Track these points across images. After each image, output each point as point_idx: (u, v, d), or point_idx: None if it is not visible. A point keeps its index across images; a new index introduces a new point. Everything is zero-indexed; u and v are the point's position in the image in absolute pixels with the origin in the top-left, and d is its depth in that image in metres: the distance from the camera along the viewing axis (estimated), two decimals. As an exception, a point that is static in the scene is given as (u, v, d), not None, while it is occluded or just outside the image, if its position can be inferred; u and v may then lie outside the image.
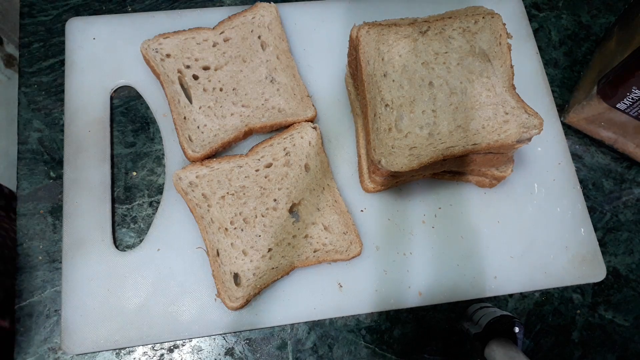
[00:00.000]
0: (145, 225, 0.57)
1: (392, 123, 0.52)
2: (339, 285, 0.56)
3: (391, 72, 0.53)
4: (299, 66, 0.63)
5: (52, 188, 0.58)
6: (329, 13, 0.67)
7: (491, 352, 0.49)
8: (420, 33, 0.54)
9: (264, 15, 0.62)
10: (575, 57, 0.71)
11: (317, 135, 0.58)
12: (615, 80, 0.57)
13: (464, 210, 0.60)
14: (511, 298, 0.59)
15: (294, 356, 0.54)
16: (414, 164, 0.50)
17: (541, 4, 0.74)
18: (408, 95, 0.53)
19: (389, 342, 0.56)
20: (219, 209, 0.54)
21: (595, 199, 0.65)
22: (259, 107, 0.59)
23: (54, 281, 0.54)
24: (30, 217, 0.56)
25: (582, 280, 0.59)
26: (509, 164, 0.58)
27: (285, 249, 0.54)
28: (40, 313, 0.53)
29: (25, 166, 0.58)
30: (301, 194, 0.56)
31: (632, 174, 0.66)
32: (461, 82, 0.53)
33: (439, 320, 0.57)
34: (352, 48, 0.56)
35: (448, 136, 0.52)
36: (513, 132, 0.51)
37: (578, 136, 0.67)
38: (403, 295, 0.56)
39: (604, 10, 0.74)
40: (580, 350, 0.59)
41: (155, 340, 0.52)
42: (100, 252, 0.54)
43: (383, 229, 0.58)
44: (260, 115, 0.58)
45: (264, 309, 0.54)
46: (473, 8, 0.57)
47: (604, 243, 0.63)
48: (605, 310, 0.60)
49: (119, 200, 0.58)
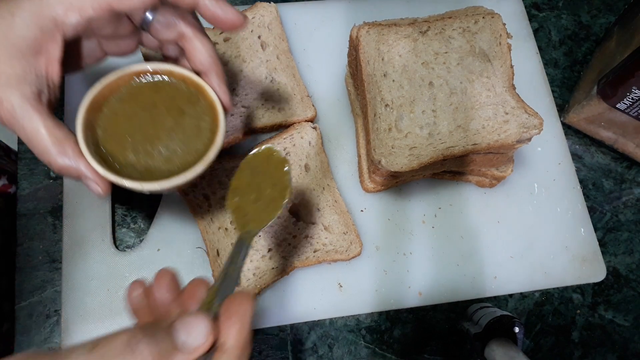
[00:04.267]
0: (146, 225, 0.57)
1: (392, 123, 0.52)
2: (339, 285, 0.56)
3: (391, 72, 0.53)
4: (299, 66, 0.63)
5: (52, 188, 0.58)
6: (329, 13, 0.67)
7: (491, 352, 0.49)
8: (420, 33, 0.54)
9: (264, 15, 0.62)
10: (575, 57, 0.71)
11: (317, 135, 0.58)
12: (615, 80, 0.57)
13: (464, 210, 0.60)
14: (511, 298, 0.59)
15: (294, 356, 0.54)
16: (414, 164, 0.50)
17: (541, 4, 0.74)
18: (408, 95, 0.53)
19: (389, 342, 0.56)
20: (219, 209, 0.54)
21: (595, 199, 0.65)
22: (259, 107, 0.59)
23: (54, 281, 0.54)
24: (30, 217, 0.56)
25: (582, 280, 0.59)
26: (509, 164, 0.58)
27: (286, 249, 0.54)
28: (40, 313, 0.53)
29: (26, 166, 0.58)
30: (301, 194, 0.56)
31: (632, 174, 0.66)
32: (461, 82, 0.53)
33: (439, 320, 0.57)
34: (352, 48, 0.56)
35: (448, 136, 0.52)
36: (513, 132, 0.51)
37: (578, 136, 0.67)
38: (403, 295, 0.56)
39: (604, 10, 0.74)
40: (580, 350, 0.59)
41: (155, 340, 0.52)
42: (100, 252, 0.54)
43: (383, 229, 0.58)
44: (260, 116, 0.58)
45: (264, 309, 0.54)
46: (473, 8, 0.57)
47: (604, 243, 0.63)
48: (606, 310, 0.60)
49: (119, 200, 0.58)
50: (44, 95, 0.36)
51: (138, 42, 0.42)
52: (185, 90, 0.42)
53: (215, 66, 0.41)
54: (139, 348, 0.26)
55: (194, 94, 0.42)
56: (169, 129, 0.41)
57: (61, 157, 0.36)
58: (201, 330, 0.28)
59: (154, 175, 0.40)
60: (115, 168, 0.39)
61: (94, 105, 0.40)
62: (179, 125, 0.42)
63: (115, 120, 0.41)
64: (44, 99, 0.36)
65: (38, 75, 0.35)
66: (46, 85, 0.36)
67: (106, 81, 0.40)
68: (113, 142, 0.40)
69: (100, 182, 0.38)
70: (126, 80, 0.41)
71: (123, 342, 0.26)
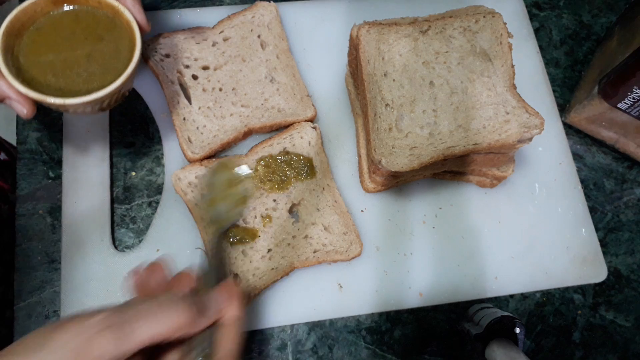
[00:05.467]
0: (145, 225, 0.57)
1: (393, 123, 0.52)
2: (339, 286, 0.55)
3: (391, 71, 0.53)
4: (299, 66, 0.63)
5: (51, 188, 0.57)
6: (329, 12, 0.67)
7: (492, 353, 0.49)
8: (420, 32, 0.54)
9: (264, 14, 0.61)
10: (576, 57, 0.71)
11: (317, 135, 0.58)
12: (617, 79, 0.57)
13: (465, 210, 0.60)
14: (512, 298, 0.59)
15: (294, 357, 0.54)
16: (414, 164, 0.50)
17: (542, 3, 0.73)
18: (408, 94, 0.53)
19: (390, 343, 0.56)
20: (218, 209, 0.54)
21: (597, 199, 0.64)
22: (259, 107, 0.58)
23: (53, 282, 0.54)
24: (29, 217, 0.56)
25: (583, 281, 0.59)
26: (510, 164, 0.57)
27: (285, 249, 0.54)
28: (39, 314, 0.53)
29: (24, 166, 0.58)
30: (301, 194, 0.55)
31: (634, 174, 0.66)
32: (462, 82, 0.53)
33: (440, 321, 0.57)
34: (352, 47, 0.56)
35: (449, 136, 0.51)
36: (514, 132, 0.51)
37: (579, 136, 0.67)
38: (403, 295, 0.56)
39: (605, 10, 0.74)
40: (581, 350, 0.58)
41: (154, 341, 0.52)
42: (99, 252, 0.54)
43: (383, 229, 0.58)
44: (259, 115, 0.58)
45: (263, 309, 0.54)
46: (474, 7, 0.57)
47: (605, 243, 0.62)
48: (607, 311, 0.60)
49: (118, 200, 0.57)
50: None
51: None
52: (102, 16, 0.46)
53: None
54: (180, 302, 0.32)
55: (110, 18, 0.46)
56: (87, 55, 0.45)
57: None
58: (222, 299, 0.36)
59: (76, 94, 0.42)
60: (37, 89, 0.42)
61: (12, 31, 0.43)
62: (97, 50, 0.46)
63: (36, 49, 0.44)
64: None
65: None
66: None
67: (22, 6, 0.43)
68: (34, 68, 0.44)
69: (24, 102, 0.40)
70: (43, 7, 0.45)
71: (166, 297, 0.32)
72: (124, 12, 0.45)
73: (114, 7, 0.45)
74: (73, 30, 0.45)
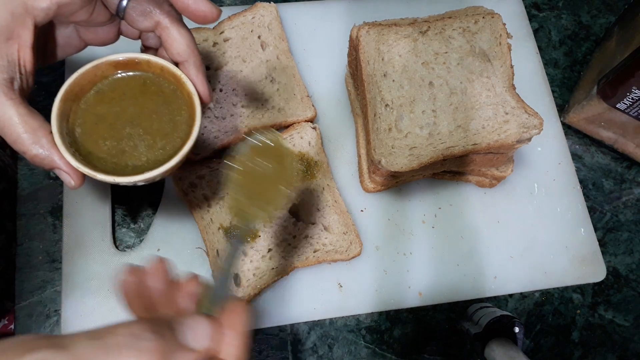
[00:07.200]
0: (145, 225, 0.57)
1: (392, 123, 0.52)
2: (339, 285, 0.56)
3: (391, 72, 0.53)
4: (299, 66, 0.63)
5: (52, 188, 0.57)
6: (329, 13, 0.67)
7: (491, 352, 0.49)
8: (420, 33, 0.54)
9: (264, 15, 0.62)
10: (575, 57, 0.71)
11: (317, 135, 0.58)
12: (615, 80, 0.57)
13: (464, 210, 0.60)
14: (511, 298, 0.59)
15: (294, 356, 0.54)
16: (414, 164, 0.50)
17: (541, 3, 0.74)
18: (408, 95, 0.53)
19: (389, 342, 0.56)
20: (218, 209, 0.54)
21: (595, 199, 0.65)
22: (259, 108, 0.59)
23: (54, 281, 0.54)
24: (30, 217, 0.56)
25: (582, 280, 0.59)
26: (509, 164, 0.58)
27: (285, 249, 0.54)
28: (40, 313, 0.53)
29: (25, 166, 0.58)
30: (301, 194, 0.56)
31: (632, 174, 0.66)
32: (461, 82, 0.53)
33: (439, 320, 0.57)
34: (352, 48, 0.56)
35: (448, 136, 0.52)
36: (513, 132, 0.51)
37: (578, 136, 0.67)
38: (403, 295, 0.56)
39: (604, 10, 0.74)
40: (580, 350, 0.59)
41: (155, 340, 0.52)
42: (100, 252, 0.54)
43: (383, 229, 0.58)
44: (260, 116, 0.58)
45: (263, 309, 0.54)
46: (473, 8, 0.57)
47: (604, 243, 0.63)
48: (606, 310, 0.60)
49: (119, 200, 0.58)
50: (16, 82, 0.36)
51: (117, 31, 0.42)
52: (164, 86, 0.42)
53: (194, 56, 0.41)
54: (143, 341, 0.26)
55: (172, 88, 0.42)
56: (145, 126, 0.41)
57: (35, 146, 0.36)
58: (206, 333, 0.29)
59: (127, 168, 0.40)
60: (89, 160, 0.39)
61: (70, 96, 0.39)
62: (155, 121, 0.41)
63: (92, 115, 0.41)
64: (16, 86, 0.36)
65: (10, 61, 0.35)
66: (18, 72, 0.36)
67: (82, 70, 0.40)
68: (89, 135, 0.40)
69: (73, 175, 0.38)
70: (104, 71, 0.41)
71: (128, 333, 0.26)
72: (186, 83, 0.41)
73: (176, 75, 0.41)
74: (131, 96, 0.42)
